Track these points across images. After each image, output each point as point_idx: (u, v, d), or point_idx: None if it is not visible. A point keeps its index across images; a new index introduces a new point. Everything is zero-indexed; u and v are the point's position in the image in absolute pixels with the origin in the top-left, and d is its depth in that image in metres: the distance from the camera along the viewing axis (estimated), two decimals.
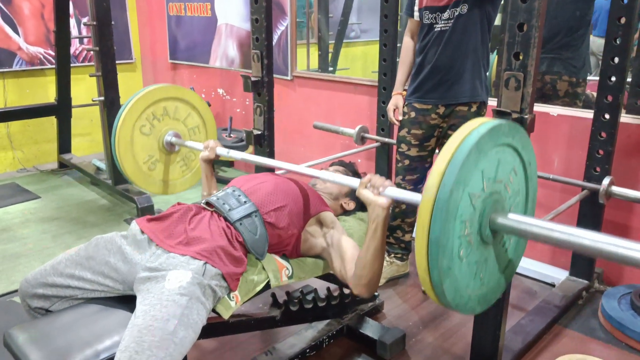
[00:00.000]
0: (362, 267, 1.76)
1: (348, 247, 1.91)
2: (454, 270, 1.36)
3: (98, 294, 1.81)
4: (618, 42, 2.53)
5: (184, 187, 2.88)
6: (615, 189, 2.57)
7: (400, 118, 2.84)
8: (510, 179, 1.50)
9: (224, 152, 2.33)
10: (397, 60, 3.07)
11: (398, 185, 2.90)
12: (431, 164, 2.87)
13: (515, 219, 1.42)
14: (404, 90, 2.87)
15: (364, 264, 1.75)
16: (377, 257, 1.73)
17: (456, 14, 2.50)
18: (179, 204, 1.97)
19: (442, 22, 2.55)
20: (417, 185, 2.88)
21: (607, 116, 2.60)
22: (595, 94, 2.73)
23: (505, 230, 1.44)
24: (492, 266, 1.53)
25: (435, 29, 2.58)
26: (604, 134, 2.63)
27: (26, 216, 3.97)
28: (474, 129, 1.34)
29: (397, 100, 2.88)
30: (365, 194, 1.68)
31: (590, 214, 2.74)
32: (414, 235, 3.13)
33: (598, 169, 2.66)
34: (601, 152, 2.64)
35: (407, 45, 2.83)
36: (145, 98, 2.63)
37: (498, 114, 1.76)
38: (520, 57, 1.70)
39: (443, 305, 1.41)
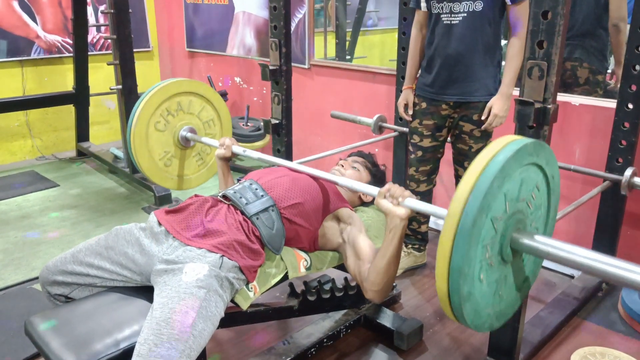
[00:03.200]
0: (377, 273, 1.74)
1: (364, 246, 1.88)
2: (475, 294, 1.34)
3: (117, 283, 1.82)
4: None
5: (200, 182, 2.89)
6: (638, 180, 2.53)
7: (411, 113, 2.81)
8: (532, 196, 1.46)
9: (240, 151, 2.33)
10: None
11: (411, 177, 2.89)
12: (443, 154, 2.85)
13: (536, 240, 1.39)
14: (414, 84, 2.83)
15: (378, 270, 1.73)
16: (392, 264, 1.72)
17: (469, 8, 2.46)
18: (196, 195, 1.97)
19: (453, 14, 2.50)
20: (430, 176, 2.86)
21: (630, 106, 2.56)
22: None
23: (526, 250, 1.41)
24: (511, 283, 1.51)
25: (444, 21, 2.54)
26: (627, 124, 2.58)
27: (45, 204, 4.01)
28: (498, 151, 1.30)
29: (407, 94, 2.84)
30: (384, 204, 1.66)
31: (612, 205, 2.70)
32: (430, 225, 3.13)
33: (620, 160, 2.62)
34: (624, 142, 2.60)
35: (415, 38, 2.78)
36: (159, 94, 2.62)
37: (521, 103, 1.73)
38: (544, 46, 1.66)
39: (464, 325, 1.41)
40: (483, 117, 2.54)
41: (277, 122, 2.59)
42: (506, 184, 1.31)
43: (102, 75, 5.15)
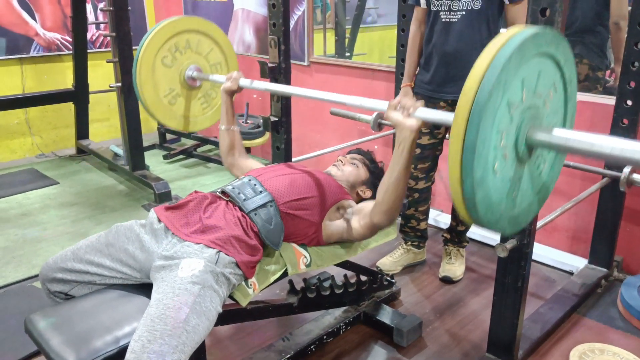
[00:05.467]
0: (385, 191, 1.72)
1: (366, 202, 1.95)
2: (488, 182, 1.29)
3: (116, 280, 1.83)
4: None
5: (205, 125, 2.80)
6: (637, 176, 2.52)
7: None
8: (550, 95, 1.42)
9: (247, 83, 2.30)
10: None
11: (410, 175, 2.88)
12: (442, 151, 2.85)
13: (553, 134, 1.34)
14: (413, 81, 2.83)
15: (387, 187, 1.71)
16: (401, 180, 1.68)
17: (468, 7, 2.46)
18: (195, 192, 1.97)
19: (452, 12, 2.50)
20: (428, 173, 2.86)
21: (629, 102, 2.56)
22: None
23: (543, 144, 1.36)
24: (526, 187, 1.46)
25: (443, 19, 2.54)
26: (625, 121, 2.58)
27: (45, 201, 4.01)
28: (516, 32, 1.26)
29: (406, 92, 2.84)
30: (395, 116, 1.61)
31: (611, 202, 2.70)
32: (429, 222, 3.13)
33: None
34: None
35: (414, 35, 2.77)
36: (168, 28, 2.56)
37: None
38: None
39: (473, 221, 1.35)
40: None
41: (277, 119, 2.59)
42: (523, 67, 1.28)
43: (102, 73, 5.14)
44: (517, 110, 1.30)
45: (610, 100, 2.70)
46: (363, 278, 2.50)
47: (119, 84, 4.04)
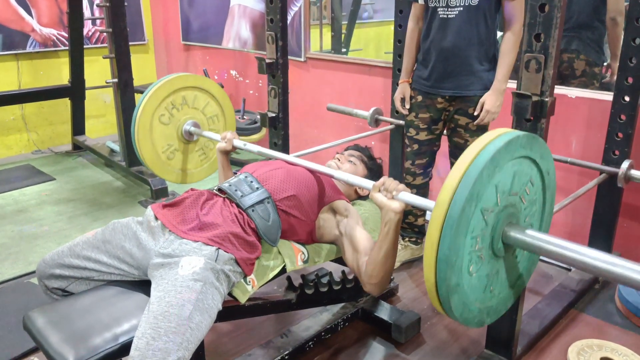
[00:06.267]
0: (374, 266, 1.75)
1: (361, 238, 1.88)
2: (463, 286, 1.32)
3: (114, 277, 1.82)
4: (639, 22, 2.48)
5: (202, 177, 2.91)
6: (635, 172, 2.53)
7: (408, 106, 2.81)
8: (526, 190, 1.45)
9: (240, 145, 2.36)
10: None
11: (407, 170, 2.89)
12: (439, 147, 2.85)
13: (527, 234, 1.38)
14: (411, 77, 2.83)
15: (376, 263, 1.74)
16: (389, 258, 1.73)
17: (466, 3, 2.45)
18: (192, 189, 1.97)
19: (450, 8, 2.49)
20: (426, 169, 2.86)
21: (627, 98, 2.56)
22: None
23: (518, 245, 1.40)
24: (503, 278, 1.50)
25: (440, 15, 2.53)
26: (623, 117, 2.59)
27: (42, 198, 4.00)
28: (489, 142, 1.29)
29: (404, 88, 2.83)
30: (379, 198, 1.68)
31: (609, 197, 2.71)
32: (427, 218, 3.13)
33: (617, 152, 2.62)
34: (620, 135, 2.60)
35: (411, 31, 2.76)
36: (165, 87, 2.64)
37: (518, 96, 1.73)
38: (542, 39, 1.66)
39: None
40: (476, 113, 2.54)
41: (274, 115, 2.59)
42: (497, 175, 1.30)
43: (98, 69, 5.12)
44: (492, 214, 1.34)
45: (607, 96, 2.70)
46: None
47: (115, 80, 4.03)
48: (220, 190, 1.96)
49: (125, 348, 1.53)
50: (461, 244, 1.26)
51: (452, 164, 2.81)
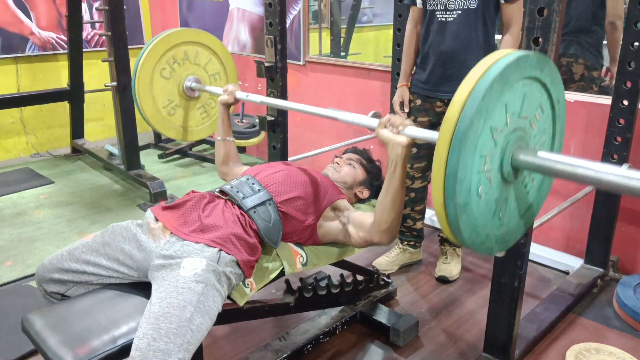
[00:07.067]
0: (382, 211, 1.74)
1: (365, 215, 1.91)
2: (472, 207, 1.29)
3: (113, 280, 1.82)
4: (638, 26, 2.49)
5: (203, 135, 2.87)
6: None
7: (407, 110, 2.81)
8: (536, 116, 1.42)
9: (243, 96, 2.34)
10: None
11: (406, 174, 2.88)
12: None
13: (538, 156, 1.34)
14: (409, 81, 2.83)
15: (384, 207, 1.73)
16: (397, 198, 1.71)
17: (464, 6, 2.46)
18: (192, 192, 1.97)
19: (448, 12, 2.50)
20: (424, 172, 2.86)
21: (625, 102, 2.57)
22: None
23: (527, 166, 1.36)
24: (513, 207, 1.47)
25: (439, 18, 2.54)
26: (622, 121, 2.59)
27: (40, 201, 4.00)
28: (499, 58, 1.26)
29: (402, 92, 2.83)
30: (385, 134, 1.66)
31: (607, 201, 2.71)
32: (425, 222, 3.13)
33: (615, 156, 2.62)
34: (619, 139, 2.61)
35: (410, 35, 2.77)
36: (166, 40, 2.60)
37: None
38: (540, 42, 1.67)
39: (459, 242, 1.36)
40: None
41: (273, 118, 2.59)
42: (507, 94, 1.28)
43: (97, 72, 5.13)
44: (501, 134, 1.31)
45: (606, 100, 2.71)
46: (359, 278, 2.49)
47: (114, 83, 4.03)
48: (222, 192, 1.96)
49: (124, 350, 1.53)
50: (469, 161, 1.23)
51: None
